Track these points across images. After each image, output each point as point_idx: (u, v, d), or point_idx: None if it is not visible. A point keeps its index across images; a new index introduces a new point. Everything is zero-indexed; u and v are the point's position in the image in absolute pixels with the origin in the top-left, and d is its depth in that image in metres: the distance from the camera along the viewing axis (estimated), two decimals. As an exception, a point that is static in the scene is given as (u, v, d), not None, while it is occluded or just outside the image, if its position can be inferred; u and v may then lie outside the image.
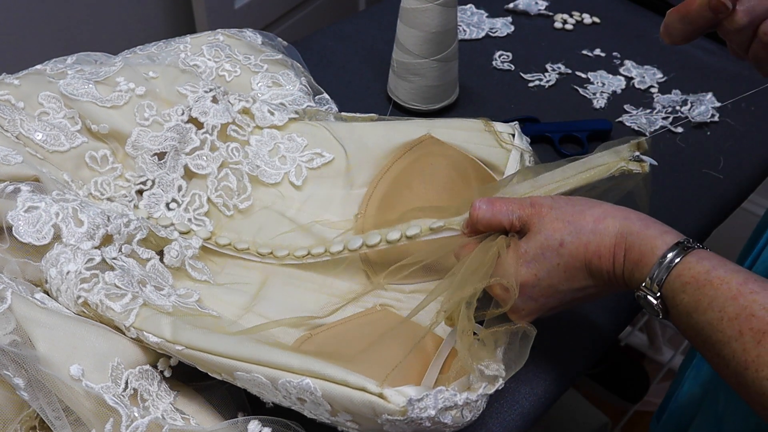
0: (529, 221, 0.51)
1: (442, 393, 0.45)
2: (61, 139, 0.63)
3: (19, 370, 0.47)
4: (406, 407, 0.44)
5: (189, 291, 0.59)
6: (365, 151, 0.68)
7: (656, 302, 0.45)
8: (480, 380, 0.48)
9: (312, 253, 0.61)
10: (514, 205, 0.52)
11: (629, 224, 0.48)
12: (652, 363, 1.48)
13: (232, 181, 0.66)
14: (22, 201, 0.54)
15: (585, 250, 0.48)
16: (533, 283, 0.50)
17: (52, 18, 1.47)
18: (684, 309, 0.44)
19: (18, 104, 0.63)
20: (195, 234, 0.63)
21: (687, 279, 0.44)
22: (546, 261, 0.49)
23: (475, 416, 0.48)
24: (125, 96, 0.65)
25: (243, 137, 0.68)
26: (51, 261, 0.53)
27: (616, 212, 0.49)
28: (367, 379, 0.45)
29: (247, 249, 0.63)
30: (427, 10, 0.77)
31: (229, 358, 0.48)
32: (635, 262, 0.46)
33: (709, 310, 0.42)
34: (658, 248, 0.46)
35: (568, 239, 0.49)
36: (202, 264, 0.62)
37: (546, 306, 0.51)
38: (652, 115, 0.87)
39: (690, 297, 0.44)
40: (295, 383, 0.46)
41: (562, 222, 0.49)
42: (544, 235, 0.49)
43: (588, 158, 0.56)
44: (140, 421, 0.47)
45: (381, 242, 0.59)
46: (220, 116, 0.67)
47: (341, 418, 0.47)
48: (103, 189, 0.64)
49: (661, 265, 0.45)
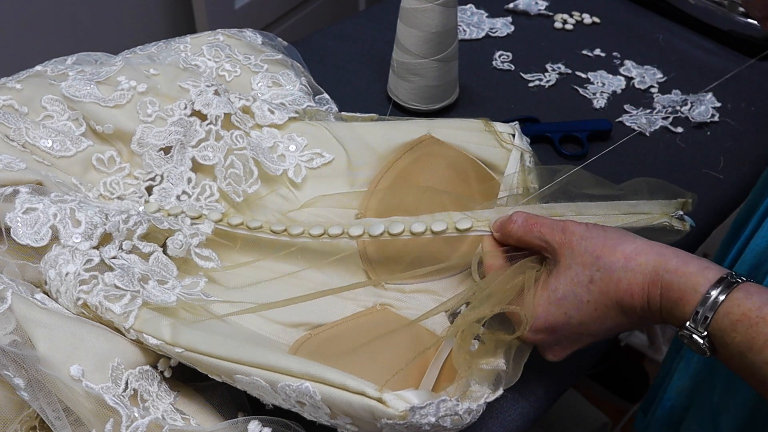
0: (560, 251, 0.50)
1: (444, 403, 0.45)
2: (66, 144, 0.63)
3: (19, 371, 0.47)
4: (407, 413, 0.44)
5: (195, 280, 0.58)
6: (365, 151, 0.68)
7: (702, 342, 0.44)
8: (480, 382, 0.48)
9: (329, 233, 0.60)
10: (546, 228, 0.51)
11: (664, 261, 0.46)
12: (652, 363, 1.48)
13: (238, 167, 0.66)
14: (20, 202, 0.54)
15: (616, 287, 0.47)
16: (564, 321, 0.49)
17: (52, 18, 1.47)
18: (737, 349, 0.42)
19: (22, 109, 0.63)
20: (206, 218, 0.62)
21: (737, 317, 0.42)
22: (576, 298, 0.48)
23: (474, 418, 0.48)
24: (127, 94, 0.65)
25: (245, 129, 0.68)
26: (50, 263, 0.53)
27: (649, 249, 0.47)
28: (367, 383, 0.45)
29: (260, 227, 0.61)
30: (427, 10, 0.77)
31: (229, 361, 0.48)
32: (675, 300, 0.45)
33: (765, 349, 0.41)
34: (701, 285, 0.44)
35: (598, 276, 0.47)
36: (209, 251, 0.61)
37: (579, 342, 0.50)
38: (652, 115, 0.87)
39: (742, 336, 0.42)
40: (295, 387, 0.46)
41: (591, 257, 0.48)
42: (574, 271, 0.48)
43: (635, 203, 0.55)
44: (140, 421, 0.47)
45: (404, 232, 0.57)
46: (223, 107, 0.67)
47: (341, 421, 0.47)
48: (112, 188, 0.64)
49: (705, 304, 0.43)
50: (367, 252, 0.63)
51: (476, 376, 0.49)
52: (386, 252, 0.62)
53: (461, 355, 0.49)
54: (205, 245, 0.61)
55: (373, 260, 0.63)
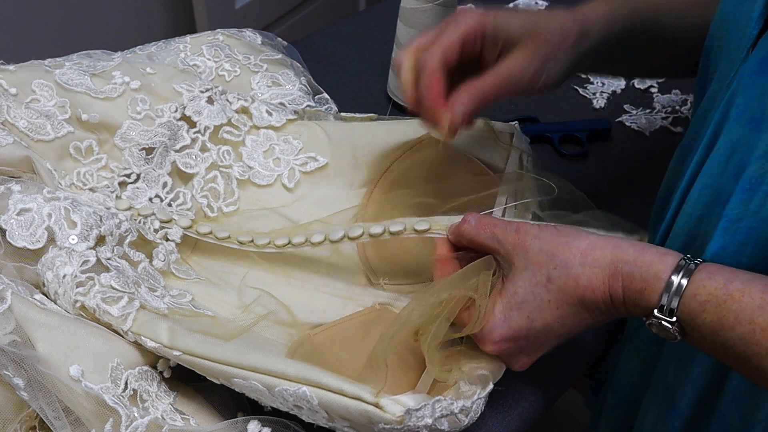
0: (513, 251, 0.49)
1: (439, 402, 0.45)
2: (47, 128, 0.62)
3: (18, 370, 0.47)
4: (404, 416, 0.44)
5: (182, 291, 0.59)
6: (365, 151, 0.68)
7: (672, 327, 0.44)
8: (471, 384, 0.48)
9: (293, 243, 0.60)
10: (498, 228, 0.50)
11: (620, 253, 0.46)
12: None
13: (219, 183, 0.66)
14: (13, 203, 0.54)
15: (576, 284, 0.46)
16: (527, 326, 0.48)
17: (52, 18, 1.47)
18: (708, 329, 0.42)
19: (10, 90, 0.62)
20: (176, 223, 0.62)
21: (705, 297, 0.42)
22: (537, 299, 0.47)
23: (473, 419, 0.48)
24: (119, 89, 0.65)
25: (238, 138, 0.68)
26: (47, 264, 0.53)
27: (604, 243, 0.47)
28: (364, 387, 0.45)
29: (228, 237, 0.62)
30: (426, 11, 0.77)
31: (226, 364, 0.48)
32: (639, 290, 0.44)
33: (737, 325, 0.41)
34: (662, 272, 0.44)
35: (555, 274, 0.47)
36: (186, 267, 0.62)
37: (544, 347, 0.50)
38: (651, 115, 0.87)
39: (712, 316, 0.42)
40: (292, 391, 0.46)
41: (546, 255, 0.47)
42: (530, 271, 0.47)
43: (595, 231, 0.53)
44: (140, 421, 0.47)
45: (363, 235, 0.58)
46: (213, 117, 0.66)
47: (338, 424, 0.47)
48: (85, 179, 0.63)
49: (670, 290, 0.43)
50: (367, 255, 0.63)
51: (465, 377, 0.49)
52: (386, 254, 0.62)
53: (434, 367, 0.49)
54: (182, 262, 0.62)
55: (372, 263, 0.63)
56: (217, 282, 0.62)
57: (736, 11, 0.50)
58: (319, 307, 0.60)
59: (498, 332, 0.48)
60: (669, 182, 0.60)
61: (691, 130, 0.56)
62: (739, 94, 0.48)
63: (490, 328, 0.48)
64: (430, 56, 0.52)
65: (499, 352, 0.49)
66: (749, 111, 0.46)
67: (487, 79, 0.52)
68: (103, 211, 0.57)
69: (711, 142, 0.51)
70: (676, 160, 0.59)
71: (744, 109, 0.47)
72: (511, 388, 0.58)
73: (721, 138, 0.49)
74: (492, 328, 0.48)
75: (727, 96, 0.49)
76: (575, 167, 0.80)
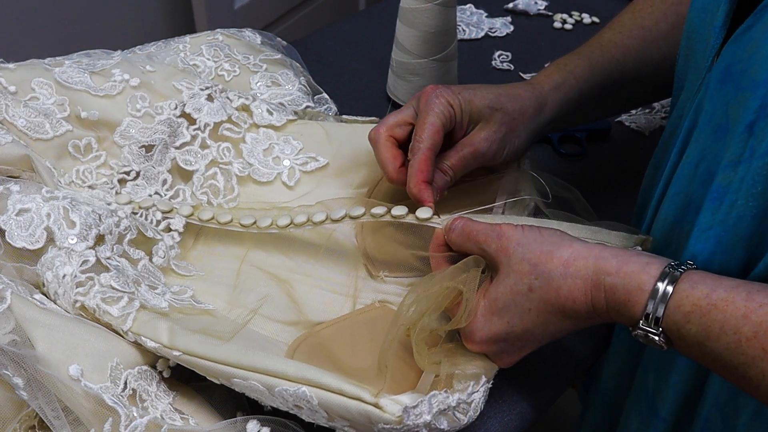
0: (497, 258, 0.49)
1: (435, 397, 0.45)
2: (45, 127, 0.62)
3: (18, 370, 0.47)
4: (402, 416, 0.44)
5: (183, 288, 0.59)
6: (365, 151, 0.68)
7: (658, 338, 0.44)
8: (465, 380, 0.48)
9: (295, 222, 0.60)
10: (481, 236, 0.51)
11: (603, 264, 0.45)
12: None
13: (219, 180, 0.66)
14: (12, 204, 0.54)
15: (556, 295, 0.46)
16: (507, 330, 0.49)
17: (52, 18, 1.47)
18: (693, 339, 0.42)
19: (9, 88, 0.62)
20: (177, 212, 0.62)
21: (688, 308, 0.42)
22: (517, 307, 0.48)
23: (472, 418, 0.48)
24: (119, 86, 0.65)
25: (238, 135, 0.68)
26: (46, 265, 0.53)
27: (587, 252, 0.47)
28: (363, 387, 0.45)
29: (231, 221, 0.62)
30: (426, 10, 0.77)
31: (226, 364, 0.48)
32: (623, 302, 0.44)
33: (722, 335, 0.41)
34: (646, 283, 0.44)
35: (537, 284, 0.47)
36: (186, 263, 0.62)
37: (526, 348, 0.50)
38: (651, 115, 0.87)
39: (697, 326, 0.42)
40: (292, 391, 0.46)
41: (529, 265, 0.47)
42: (512, 279, 0.48)
43: (597, 230, 0.54)
44: (139, 420, 0.47)
45: (365, 215, 0.59)
46: (214, 114, 0.66)
47: (338, 424, 0.47)
48: (84, 177, 0.63)
49: (655, 301, 0.43)
50: (366, 247, 0.63)
51: (459, 370, 0.50)
52: (386, 246, 0.62)
53: (423, 360, 0.50)
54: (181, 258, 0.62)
55: (372, 255, 0.63)
56: (217, 278, 0.62)
57: (701, 21, 0.51)
58: (318, 305, 0.60)
59: (478, 334, 0.50)
60: (646, 187, 0.60)
61: (665, 136, 0.57)
62: (706, 103, 0.48)
63: (472, 329, 0.50)
64: (420, 142, 0.57)
65: (481, 351, 0.51)
66: (714, 119, 0.47)
67: (455, 157, 0.59)
68: (102, 210, 0.57)
69: (682, 148, 0.52)
70: (653, 166, 0.59)
71: (710, 117, 0.47)
72: (510, 388, 0.58)
73: (690, 145, 0.50)
74: (473, 330, 0.50)
75: (695, 104, 0.50)
76: (575, 167, 0.80)
